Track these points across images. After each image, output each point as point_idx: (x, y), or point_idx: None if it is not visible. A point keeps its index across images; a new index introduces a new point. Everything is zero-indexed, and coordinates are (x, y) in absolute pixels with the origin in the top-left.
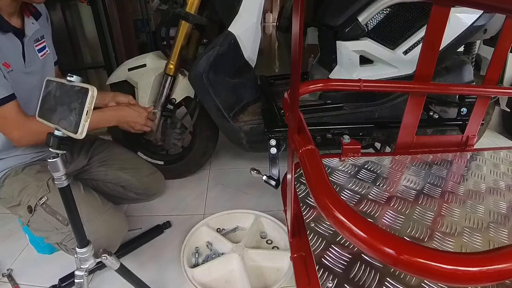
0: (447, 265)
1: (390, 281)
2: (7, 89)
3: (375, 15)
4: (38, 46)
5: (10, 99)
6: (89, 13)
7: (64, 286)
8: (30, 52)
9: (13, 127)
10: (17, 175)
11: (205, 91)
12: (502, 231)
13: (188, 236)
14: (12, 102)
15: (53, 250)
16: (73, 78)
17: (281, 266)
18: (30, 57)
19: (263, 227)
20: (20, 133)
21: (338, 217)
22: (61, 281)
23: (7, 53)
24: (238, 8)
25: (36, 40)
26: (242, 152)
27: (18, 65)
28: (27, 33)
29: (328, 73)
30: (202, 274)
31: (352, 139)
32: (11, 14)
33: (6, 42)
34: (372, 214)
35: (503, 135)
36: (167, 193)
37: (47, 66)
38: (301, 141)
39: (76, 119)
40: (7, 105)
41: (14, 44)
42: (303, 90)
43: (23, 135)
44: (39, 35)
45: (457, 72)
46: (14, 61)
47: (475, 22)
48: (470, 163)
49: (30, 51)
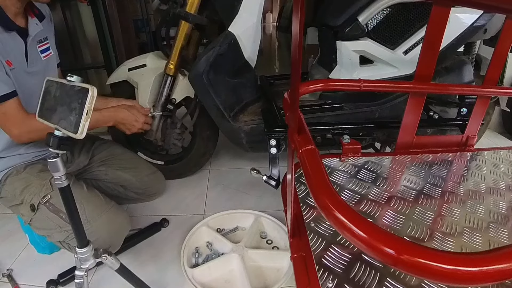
0: (447, 265)
1: (390, 281)
2: (9, 85)
3: (375, 15)
4: (41, 47)
5: (11, 96)
6: (89, 13)
7: (62, 282)
8: (32, 53)
9: (13, 124)
10: (19, 174)
11: (205, 91)
12: (502, 231)
13: (188, 236)
14: (13, 99)
15: (53, 250)
16: (73, 78)
17: (281, 266)
18: (32, 57)
19: (263, 227)
20: (20, 130)
21: (338, 217)
22: (60, 277)
23: (10, 52)
24: (238, 8)
25: (39, 41)
26: (242, 152)
27: (20, 64)
28: (31, 33)
29: (328, 73)
30: (202, 274)
31: (352, 139)
32: (16, 14)
33: (10, 40)
34: (372, 214)
35: (503, 135)
36: (167, 193)
37: (50, 67)
38: (301, 141)
39: (76, 119)
40: (9, 102)
41: (17, 43)
42: (303, 90)
43: (23, 132)
44: (43, 36)
45: (457, 72)
46: (17, 60)
47: (475, 22)
48: (470, 163)
49: (33, 51)
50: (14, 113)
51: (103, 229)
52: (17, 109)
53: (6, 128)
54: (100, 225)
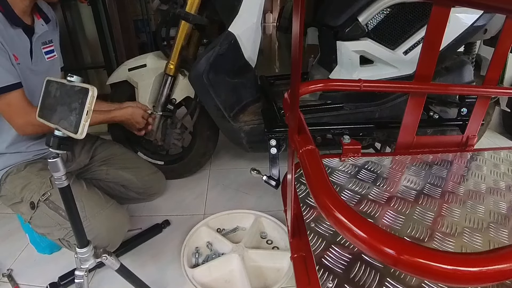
0: (447, 265)
1: (390, 281)
2: (14, 76)
3: (375, 15)
4: (45, 48)
5: (16, 87)
6: (90, 13)
7: (63, 284)
8: (37, 51)
9: (17, 115)
10: (20, 173)
11: (205, 91)
12: (502, 231)
13: (188, 236)
14: (18, 90)
15: (53, 250)
16: (73, 78)
17: (281, 266)
18: (37, 56)
19: (263, 227)
20: (23, 121)
21: (338, 217)
22: (60, 279)
23: (16, 47)
24: (238, 8)
25: (44, 42)
26: (243, 152)
27: (25, 60)
28: (37, 30)
29: (328, 73)
30: (202, 274)
31: (352, 139)
32: (23, 12)
33: (15, 37)
34: (372, 214)
35: (503, 135)
36: (167, 193)
37: (53, 69)
38: (301, 141)
39: (76, 119)
40: (13, 93)
41: (23, 40)
42: (303, 90)
43: (26, 123)
44: (47, 38)
45: (457, 72)
46: (22, 56)
47: (475, 22)
48: (470, 163)
49: (38, 50)
50: (19, 104)
51: (102, 226)
52: (21, 100)
53: (10, 118)
54: (99, 222)
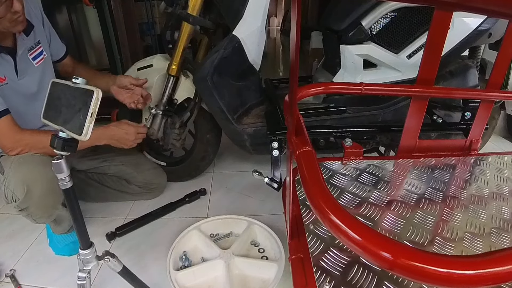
0: (443, 268)
1: (388, 284)
2: (1, 104)
3: (379, 19)
4: (32, 54)
5: (3, 114)
6: (95, 16)
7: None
8: (22, 66)
9: (6, 140)
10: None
11: (209, 94)
12: (504, 237)
13: (177, 239)
14: (5, 117)
15: (72, 252)
16: (78, 80)
17: (268, 277)
18: (22, 69)
19: (255, 235)
20: (12, 145)
21: (333, 220)
22: (117, 230)
23: (1, 69)
24: (242, 12)
25: (30, 48)
26: (246, 155)
27: (12, 77)
28: (19, 51)
29: (332, 77)
30: (185, 278)
31: (354, 142)
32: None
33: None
34: (372, 218)
35: (508, 139)
36: (170, 195)
37: (47, 70)
38: (298, 142)
39: (80, 121)
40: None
41: (7, 61)
42: (303, 93)
43: (15, 146)
44: (34, 42)
45: (461, 76)
46: (8, 74)
47: (479, 26)
48: (474, 167)
49: (23, 64)
50: (6, 130)
51: None
52: (9, 125)
53: None
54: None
